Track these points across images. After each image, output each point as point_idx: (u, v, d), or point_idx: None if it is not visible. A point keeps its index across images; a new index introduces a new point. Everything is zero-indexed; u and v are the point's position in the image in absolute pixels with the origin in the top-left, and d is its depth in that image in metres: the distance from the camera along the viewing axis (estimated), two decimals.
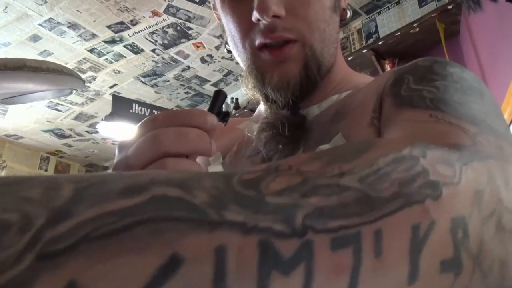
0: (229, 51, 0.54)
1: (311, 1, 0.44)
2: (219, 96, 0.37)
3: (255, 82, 0.46)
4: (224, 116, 0.36)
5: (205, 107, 3.50)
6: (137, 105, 2.30)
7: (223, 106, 0.37)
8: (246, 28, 0.44)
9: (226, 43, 0.53)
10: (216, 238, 0.14)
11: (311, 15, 0.44)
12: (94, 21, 2.31)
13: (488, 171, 0.24)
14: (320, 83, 0.46)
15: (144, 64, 2.77)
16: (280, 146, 0.45)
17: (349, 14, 0.50)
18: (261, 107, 0.54)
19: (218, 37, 2.53)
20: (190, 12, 2.28)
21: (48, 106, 3.05)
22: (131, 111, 2.23)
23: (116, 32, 2.43)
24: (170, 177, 0.16)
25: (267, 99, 0.47)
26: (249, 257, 0.14)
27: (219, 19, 0.52)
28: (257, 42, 0.44)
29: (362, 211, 0.18)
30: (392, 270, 0.17)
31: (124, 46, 2.56)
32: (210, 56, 2.73)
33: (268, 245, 0.15)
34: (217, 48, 2.64)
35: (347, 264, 0.16)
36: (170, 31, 2.44)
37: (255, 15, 0.41)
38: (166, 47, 2.59)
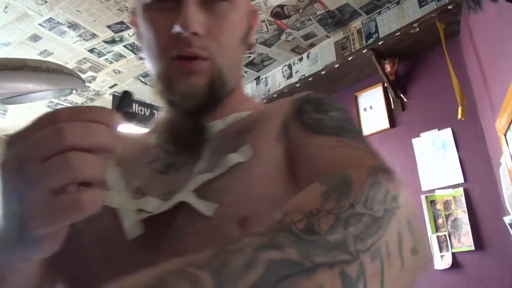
0: (142, 58, 0.57)
1: (227, 29, 0.50)
2: (126, 96, 0.36)
3: (163, 88, 0.50)
4: (130, 117, 0.36)
5: None
6: (137, 105, 2.30)
7: (133, 106, 0.39)
8: (164, 39, 0.48)
9: (140, 49, 0.56)
10: (316, 281, 0.21)
11: (225, 41, 0.50)
12: (94, 21, 2.31)
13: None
14: (222, 101, 0.52)
15: (144, 64, 2.77)
16: (180, 150, 0.49)
17: (253, 49, 0.58)
18: (159, 117, 0.58)
19: None
20: None
21: (48, 106, 3.05)
22: (131, 111, 2.23)
23: (116, 32, 2.43)
24: (262, 243, 0.22)
25: (171, 105, 0.51)
26: (337, 286, 0.22)
27: (136, 26, 0.56)
28: (173, 53, 0.48)
29: (377, 229, 0.27)
30: (406, 262, 0.28)
31: (124, 46, 2.56)
32: None
33: (344, 273, 0.22)
34: None
35: (379, 269, 0.25)
36: None
37: (176, 28, 0.46)
38: None
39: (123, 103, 0.36)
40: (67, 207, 0.29)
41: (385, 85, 2.22)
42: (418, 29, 1.98)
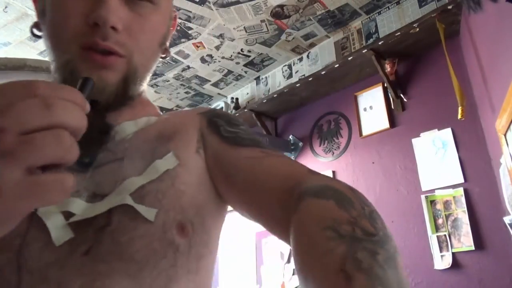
0: (36, 36, 0.53)
1: (147, 30, 0.49)
2: (87, 82, 0.33)
3: (69, 78, 0.45)
4: (92, 104, 0.32)
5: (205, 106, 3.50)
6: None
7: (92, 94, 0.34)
8: (77, 26, 0.44)
9: (35, 26, 0.52)
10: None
11: (144, 41, 0.49)
12: None
13: None
14: (131, 102, 0.51)
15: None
16: (87, 148, 0.46)
17: (168, 55, 0.58)
18: None
19: (218, 37, 2.53)
20: (190, 12, 2.28)
21: None
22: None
23: None
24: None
25: None
26: None
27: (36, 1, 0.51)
28: (84, 41, 0.44)
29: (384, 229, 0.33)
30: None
31: None
32: (210, 56, 2.72)
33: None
34: (217, 48, 2.64)
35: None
36: None
37: (94, 18, 0.43)
38: None
39: (84, 89, 0.33)
40: (47, 188, 0.26)
41: (385, 85, 2.22)
42: (418, 29, 1.98)
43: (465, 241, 1.78)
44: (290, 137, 2.75)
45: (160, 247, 0.41)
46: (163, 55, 0.56)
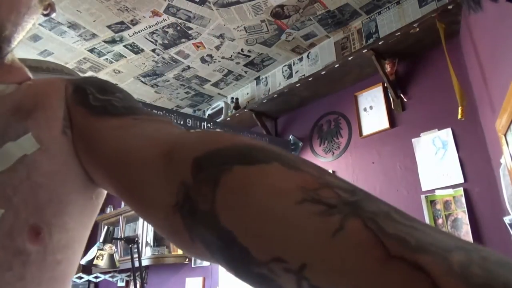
0: None
1: None
2: None
3: None
4: None
5: (205, 106, 3.49)
6: None
7: None
8: None
9: None
10: None
11: None
12: (94, 21, 2.31)
13: None
14: None
15: (144, 64, 2.77)
16: None
17: (51, 13, 0.46)
18: None
19: (218, 37, 2.53)
20: (190, 12, 2.28)
21: None
22: None
23: (116, 32, 2.43)
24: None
25: None
26: None
27: None
28: None
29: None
30: None
31: (124, 46, 2.56)
32: (210, 56, 2.72)
33: None
34: (217, 48, 2.64)
35: None
36: (170, 31, 2.44)
37: None
38: (166, 47, 2.59)
39: None
40: None
41: (385, 85, 2.22)
42: (418, 29, 1.98)
43: None
44: (290, 137, 2.75)
45: (5, 258, 0.32)
46: (46, 12, 0.45)
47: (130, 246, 2.43)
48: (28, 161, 0.36)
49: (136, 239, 2.43)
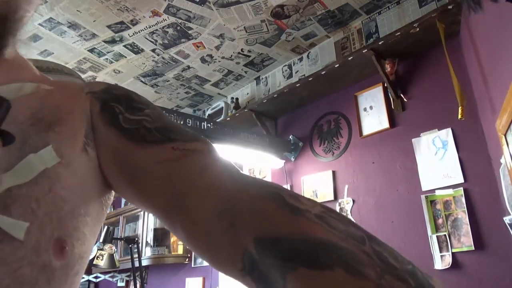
0: None
1: None
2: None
3: None
4: None
5: (205, 106, 3.49)
6: None
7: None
8: None
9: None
10: None
11: None
12: (94, 21, 2.31)
13: None
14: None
15: (144, 64, 2.77)
16: None
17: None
18: None
19: (218, 37, 2.53)
20: (190, 12, 2.28)
21: None
22: None
23: (116, 32, 2.43)
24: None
25: None
26: None
27: None
28: None
29: None
30: None
31: (124, 46, 2.56)
32: (210, 56, 2.72)
33: None
34: (217, 48, 2.64)
35: None
36: (170, 31, 2.44)
37: None
38: (166, 47, 2.59)
39: None
40: None
41: (385, 85, 2.22)
42: (418, 29, 1.98)
43: (465, 241, 1.78)
44: (290, 137, 2.75)
45: (31, 274, 0.31)
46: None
47: (130, 246, 2.43)
48: (50, 174, 0.35)
49: (136, 239, 2.43)
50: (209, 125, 2.26)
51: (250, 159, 2.74)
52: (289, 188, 2.60)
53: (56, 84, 0.43)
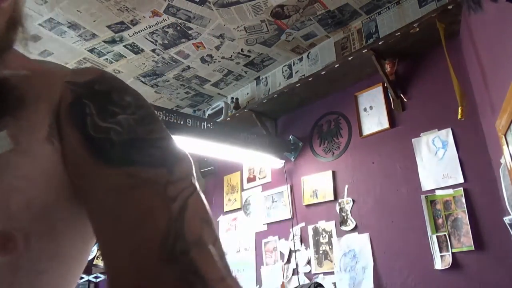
0: None
1: None
2: None
3: None
4: None
5: (205, 106, 3.49)
6: None
7: None
8: None
9: None
10: None
11: None
12: (94, 21, 2.31)
13: None
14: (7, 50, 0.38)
15: (144, 64, 2.77)
16: None
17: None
18: None
19: (218, 37, 2.53)
20: (190, 12, 2.28)
21: None
22: None
23: (116, 32, 2.43)
24: None
25: None
26: None
27: None
28: None
29: None
30: None
31: (124, 46, 2.56)
32: (210, 56, 2.72)
33: None
34: (217, 48, 2.64)
35: None
36: (170, 31, 2.44)
37: None
38: (166, 47, 2.59)
39: None
40: None
41: (385, 85, 2.22)
42: (418, 29, 1.98)
43: (465, 241, 1.78)
44: (290, 137, 2.75)
45: None
46: None
47: None
48: (2, 162, 0.32)
49: None
50: (209, 125, 2.26)
51: (250, 159, 2.74)
52: (289, 189, 2.61)
53: (38, 70, 0.40)
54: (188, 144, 2.15)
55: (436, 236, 1.86)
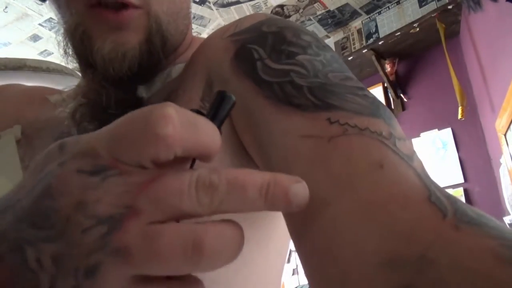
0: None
1: None
2: (224, 100, 0.20)
3: (80, 47, 0.35)
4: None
5: None
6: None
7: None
8: None
9: None
10: None
11: None
12: None
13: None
14: (162, 62, 0.37)
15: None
16: (99, 125, 0.33)
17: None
18: (82, 82, 0.43)
19: None
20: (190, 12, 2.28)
21: None
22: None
23: None
24: None
25: (89, 69, 0.37)
26: None
27: None
28: None
29: None
30: None
31: None
32: None
33: None
34: None
35: None
36: None
37: None
38: None
39: (220, 109, 0.20)
40: None
41: (385, 85, 2.22)
42: (418, 29, 1.98)
43: None
44: None
45: None
46: None
47: None
48: None
49: None
50: None
51: None
52: None
53: (198, 49, 0.38)
54: None
55: None
